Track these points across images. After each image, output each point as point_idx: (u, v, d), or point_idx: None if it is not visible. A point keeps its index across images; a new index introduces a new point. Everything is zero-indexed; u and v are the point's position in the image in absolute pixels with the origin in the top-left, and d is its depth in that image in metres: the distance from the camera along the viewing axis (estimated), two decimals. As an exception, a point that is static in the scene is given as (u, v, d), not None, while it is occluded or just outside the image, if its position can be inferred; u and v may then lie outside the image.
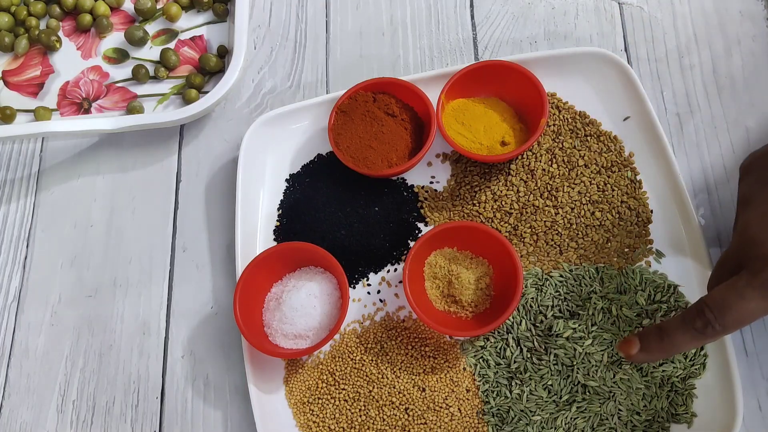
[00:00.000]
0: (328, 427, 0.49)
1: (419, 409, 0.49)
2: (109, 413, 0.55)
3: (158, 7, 0.67)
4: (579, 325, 0.47)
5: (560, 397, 0.47)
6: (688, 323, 0.39)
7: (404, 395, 0.49)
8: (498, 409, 0.48)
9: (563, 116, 0.54)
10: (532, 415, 0.47)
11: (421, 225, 0.55)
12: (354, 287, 0.54)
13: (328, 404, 0.50)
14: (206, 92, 0.59)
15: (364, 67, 0.62)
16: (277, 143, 0.58)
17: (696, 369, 0.46)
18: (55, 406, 0.56)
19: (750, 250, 0.37)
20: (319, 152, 0.58)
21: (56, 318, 0.58)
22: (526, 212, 0.52)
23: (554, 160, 0.52)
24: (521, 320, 0.49)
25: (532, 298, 0.49)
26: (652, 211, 0.51)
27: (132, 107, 0.63)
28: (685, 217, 0.49)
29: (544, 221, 0.51)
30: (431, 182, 0.56)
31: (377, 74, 0.61)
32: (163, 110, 0.63)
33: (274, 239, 0.56)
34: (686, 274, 0.49)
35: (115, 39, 0.67)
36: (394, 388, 0.49)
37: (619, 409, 0.46)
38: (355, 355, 0.51)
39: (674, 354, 0.41)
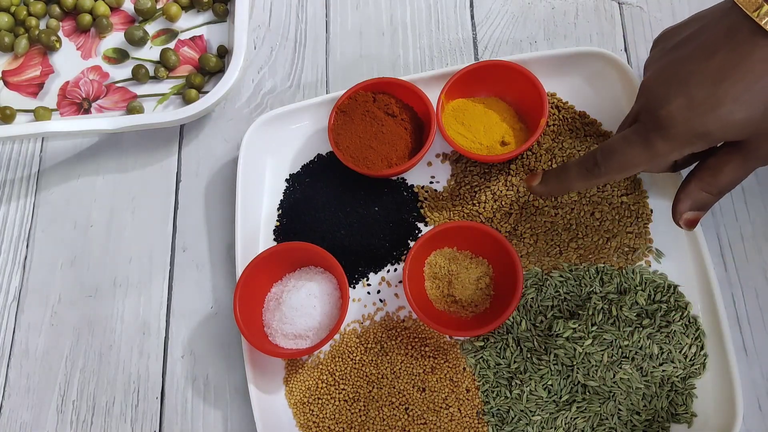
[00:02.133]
0: (328, 427, 0.49)
1: (419, 409, 0.49)
2: (109, 413, 0.55)
3: (158, 7, 0.67)
4: (579, 325, 0.47)
5: (560, 397, 0.47)
6: (582, 163, 0.44)
7: (404, 395, 0.49)
8: (498, 409, 0.48)
9: (563, 116, 0.54)
10: (532, 415, 0.47)
11: (421, 225, 0.55)
12: (354, 287, 0.54)
13: (328, 404, 0.50)
14: (206, 92, 0.59)
15: (364, 67, 0.62)
16: (277, 143, 0.58)
17: (696, 369, 0.46)
18: (55, 406, 0.56)
19: (643, 105, 0.41)
20: (319, 152, 0.58)
21: (56, 318, 0.58)
22: (526, 212, 0.52)
23: (554, 160, 0.52)
24: (521, 320, 0.49)
25: (532, 298, 0.49)
26: (652, 211, 0.51)
27: (132, 107, 0.63)
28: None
29: (544, 221, 0.51)
30: (431, 182, 0.56)
31: (377, 74, 0.61)
32: (163, 110, 0.63)
33: (274, 239, 0.56)
34: (686, 274, 0.49)
35: (115, 39, 0.67)
36: (394, 388, 0.49)
37: (619, 409, 0.46)
38: (355, 355, 0.51)
39: (569, 190, 0.46)
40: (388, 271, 0.54)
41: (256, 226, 0.57)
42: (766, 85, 0.35)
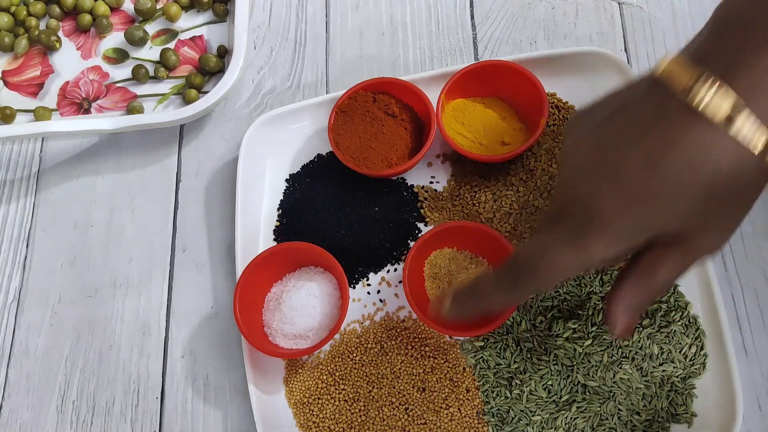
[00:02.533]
0: (328, 427, 0.49)
1: (419, 409, 0.49)
2: (109, 413, 0.55)
3: (158, 7, 0.67)
4: (579, 325, 0.47)
5: (560, 397, 0.47)
6: (499, 278, 0.37)
7: (404, 395, 0.49)
8: (498, 409, 0.48)
9: (563, 116, 0.54)
10: (532, 415, 0.47)
11: (421, 225, 0.55)
12: (354, 287, 0.54)
13: (328, 404, 0.50)
14: (206, 92, 0.59)
15: (364, 67, 0.62)
16: (277, 143, 0.58)
17: (696, 369, 0.46)
18: (55, 406, 0.56)
19: (567, 202, 0.35)
20: (319, 152, 0.58)
21: (56, 318, 0.58)
22: (526, 212, 0.52)
23: (554, 160, 0.52)
24: (521, 320, 0.49)
25: (532, 298, 0.49)
26: (652, 211, 0.51)
27: (132, 107, 0.63)
28: (685, 217, 0.49)
29: (544, 221, 0.51)
30: (431, 182, 0.56)
31: (377, 74, 0.61)
32: (163, 110, 0.63)
33: (274, 239, 0.56)
34: (686, 274, 0.48)
35: (115, 39, 0.67)
36: (394, 388, 0.49)
37: (619, 409, 0.46)
38: (355, 355, 0.51)
39: (490, 310, 0.38)
40: (388, 271, 0.54)
41: (256, 226, 0.57)
42: (705, 172, 0.31)
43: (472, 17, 0.62)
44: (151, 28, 0.67)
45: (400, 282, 0.53)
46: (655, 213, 0.32)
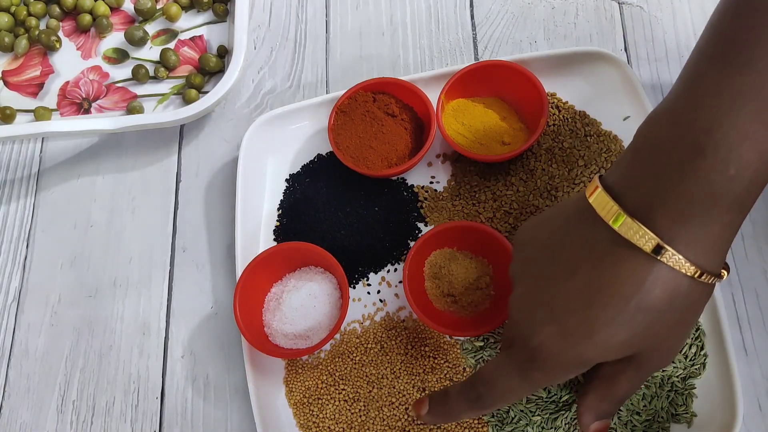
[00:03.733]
0: (328, 427, 0.49)
1: (419, 409, 0.49)
2: (109, 413, 0.55)
3: (158, 7, 0.67)
4: (579, 325, 0.47)
5: (560, 398, 0.47)
6: (464, 394, 0.39)
7: (404, 395, 0.49)
8: (498, 410, 0.48)
9: (563, 116, 0.54)
10: (532, 415, 0.47)
11: (421, 225, 0.55)
12: (354, 287, 0.54)
13: (328, 404, 0.50)
14: (206, 92, 0.59)
15: (364, 67, 0.62)
16: (277, 143, 0.58)
17: (696, 369, 0.46)
18: (55, 406, 0.56)
19: (511, 330, 0.37)
20: (319, 152, 0.58)
21: (56, 318, 0.58)
22: (526, 212, 0.52)
23: (554, 160, 0.52)
24: (521, 320, 0.49)
25: (532, 298, 0.49)
26: (652, 211, 0.51)
27: (132, 107, 0.63)
28: (685, 217, 0.49)
29: (544, 221, 0.51)
30: (431, 182, 0.56)
31: (377, 74, 0.61)
32: (163, 110, 0.63)
33: (274, 239, 0.56)
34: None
35: (115, 39, 0.67)
36: (394, 388, 0.49)
37: (619, 409, 0.46)
38: (355, 355, 0.51)
39: (458, 420, 0.41)
40: (388, 271, 0.54)
41: (256, 226, 0.57)
42: (640, 302, 0.32)
43: (472, 17, 0.62)
44: (151, 28, 0.67)
45: (400, 282, 0.53)
46: (594, 348, 0.33)
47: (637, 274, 0.32)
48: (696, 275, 0.32)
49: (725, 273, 0.34)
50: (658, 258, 0.31)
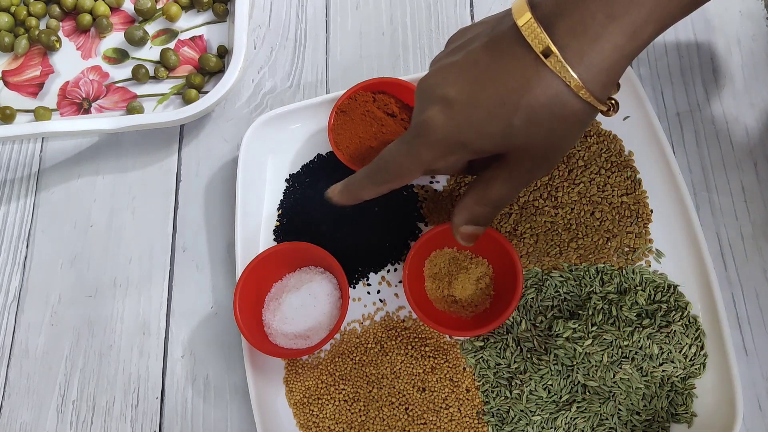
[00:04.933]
0: (328, 427, 0.49)
1: (419, 410, 0.49)
2: (109, 413, 0.55)
3: (158, 7, 0.67)
4: (579, 325, 0.47)
5: (560, 397, 0.47)
6: (365, 170, 0.43)
7: (404, 395, 0.49)
8: (498, 409, 0.48)
9: (563, 116, 0.54)
10: (532, 415, 0.47)
11: (421, 225, 0.55)
12: (354, 287, 0.54)
13: (328, 404, 0.50)
14: (206, 92, 0.59)
15: (364, 67, 0.62)
16: (277, 143, 0.58)
17: (696, 369, 0.46)
18: (55, 406, 0.56)
19: (414, 111, 0.40)
20: (319, 152, 0.58)
21: (56, 318, 0.58)
22: (526, 212, 0.52)
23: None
24: (521, 320, 0.49)
25: (532, 298, 0.49)
26: (652, 211, 0.51)
27: (132, 107, 0.63)
28: (685, 217, 0.49)
29: (544, 221, 0.51)
30: (431, 182, 0.56)
31: (377, 74, 0.61)
32: (163, 110, 0.63)
33: (274, 239, 0.56)
34: (686, 274, 0.49)
35: (115, 39, 0.67)
36: (394, 388, 0.49)
37: (619, 409, 0.46)
38: (355, 355, 0.51)
39: (362, 198, 0.44)
40: (388, 271, 0.54)
41: (256, 226, 0.57)
42: (520, 99, 0.34)
43: (472, 17, 0.62)
44: (151, 28, 0.67)
45: (400, 282, 0.53)
46: (471, 130, 0.36)
47: (525, 72, 0.34)
48: (576, 88, 0.33)
49: (612, 107, 0.36)
50: (545, 61, 0.33)
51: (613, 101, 0.36)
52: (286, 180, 0.58)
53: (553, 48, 0.33)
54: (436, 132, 0.37)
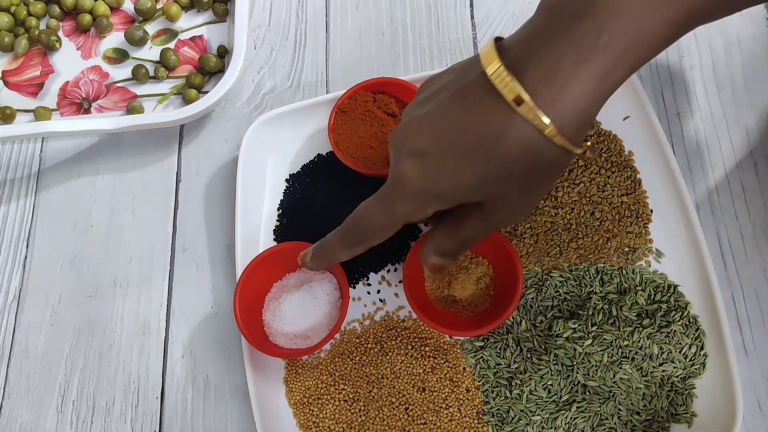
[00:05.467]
0: (328, 427, 0.49)
1: (419, 410, 0.49)
2: (109, 413, 0.55)
3: (158, 7, 0.67)
4: (579, 325, 0.47)
5: (560, 397, 0.47)
6: (338, 233, 0.43)
7: (404, 395, 0.49)
8: (498, 409, 0.48)
9: (563, 116, 0.54)
10: (532, 415, 0.47)
11: (421, 225, 0.55)
12: (354, 287, 0.54)
13: (328, 404, 0.50)
14: (206, 92, 0.59)
15: (364, 67, 0.62)
16: (277, 143, 0.58)
17: (696, 369, 0.46)
18: (55, 406, 0.56)
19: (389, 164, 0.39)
20: (319, 152, 0.58)
21: (56, 318, 0.58)
22: (526, 212, 0.52)
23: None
24: (521, 320, 0.49)
25: (532, 298, 0.49)
26: (652, 211, 0.51)
27: (132, 107, 0.63)
28: (685, 217, 0.49)
29: (544, 221, 0.51)
30: (431, 182, 0.56)
31: (377, 74, 0.61)
32: (163, 110, 0.63)
33: (274, 239, 0.56)
34: (686, 274, 0.49)
35: (115, 39, 0.67)
36: (394, 388, 0.49)
37: (619, 409, 0.46)
38: (355, 355, 0.51)
39: (337, 261, 0.45)
40: (388, 271, 0.54)
41: (256, 226, 0.57)
42: (495, 149, 0.34)
43: (472, 17, 0.62)
44: (151, 28, 0.67)
45: (400, 282, 0.53)
46: (448, 182, 0.36)
47: (498, 122, 0.34)
48: (550, 134, 0.33)
49: (587, 147, 0.35)
50: (517, 109, 0.33)
51: (588, 143, 0.36)
52: (286, 180, 0.58)
53: (525, 96, 0.32)
54: (411, 185, 0.37)
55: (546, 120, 0.32)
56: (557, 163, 0.35)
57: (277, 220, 0.57)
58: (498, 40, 0.35)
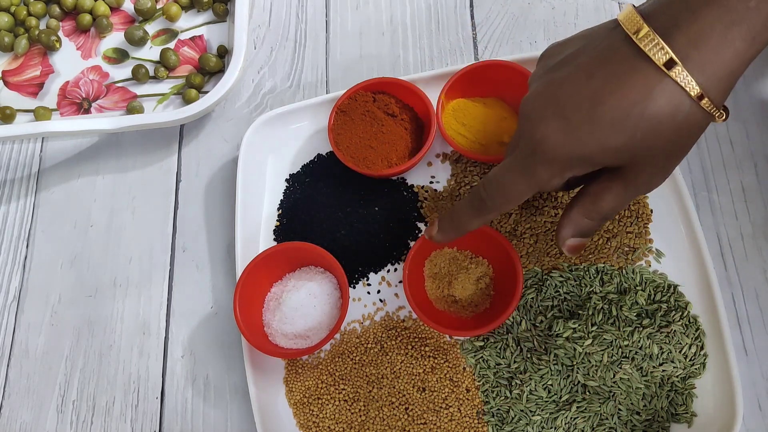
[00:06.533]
0: (328, 427, 0.49)
1: (419, 409, 0.49)
2: (109, 413, 0.55)
3: (158, 7, 0.67)
4: (579, 325, 0.47)
5: (560, 397, 0.47)
6: (469, 201, 0.42)
7: (404, 395, 0.49)
8: (498, 409, 0.48)
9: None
10: (532, 415, 0.47)
11: (421, 225, 0.55)
12: (354, 287, 0.54)
13: (328, 404, 0.50)
14: (206, 92, 0.59)
15: (364, 67, 0.62)
16: (277, 143, 0.58)
17: (696, 369, 0.46)
18: (55, 406, 0.56)
19: (522, 129, 0.39)
20: (319, 152, 0.58)
21: (56, 318, 0.58)
22: (526, 212, 0.52)
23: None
24: (521, 320, 0.49)
25: (532, 298, 0.49)
26: (652, 211, 0.51)
27: (132, 107, 0.63)
28: (685, 217, 0.49)
29: (544, 221, 0.51)
30: (431, 182, 0.56)
31: (377, 74, 0.61)
32: (163, 110, 0.63)
33: (274, 239, 0.56)
34: (686, 274, 0.49)
35: (115, 39, 0.67)
36: (394, 388, 0.49)
37: (619, 409, 0.46)
38: (355, 355, 0.51)
39: (466, 231, 0.44)
40: (388, 271, 0.54)
41: (256, 226, 0.57)
42: (644, 110, 0.34)
43: (472, 17, 0.62)
44: (151, 28, 0.67)
45: (400, 282, 0.53)
46: (594, 145, 0.35)
47: (647, 83, 0.34)
48: (698, 98, 0.34)
49: (724, 115, 0.36)
50: (669, 72, 0.33)
51: (725, 108, 0.36)
52: (286, 180, 0.58)
53: (677, 59, 0.33)
54: (555, 150, 0.36)
55: (695, 84, 0.33)
56: (701, 125, 0.35)
57: (277, 220, 0.57)
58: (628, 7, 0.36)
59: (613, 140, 0.35)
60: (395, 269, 0.54)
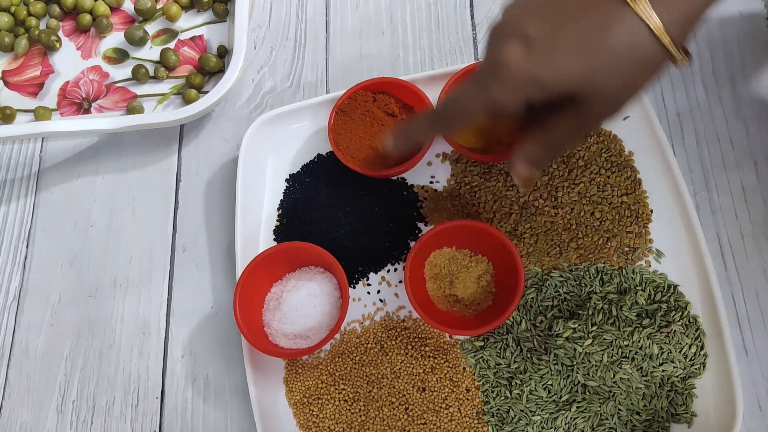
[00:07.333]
0: (328, 427, 0.49)
1: (419, 409, 0.49)
2: (109, 413, 0.55)
3: (158, 7, 0.67)
4: (579, 325, 0.47)
5: (560, 397, 0.47)
6: (426, 113, 0.44)
7: (404, 395, 0.49)
8: (498, 409, 0.48)
9: (563, 116, 0.54)
10: (532, 415, 0.47)
11: (421, 225, 0.55)
12: (354, 287, 0.54)
13: (328, 404, 0.50)
14: (206, 92, 0.59)
15: (364, 67, 0.62)
16: (277, 143, 0.58)
17: (696, 369, 0.46)
18: (55, 406, 0.56)
19: (485, 51, 0.39)
20: (319, 152, 0.58)
21: (56, 318, 0.58)
22: (526, 212, 0.52)
23: (554, 160, 0.52)
24: (521, 320, 0.49)
25: (532, 298, 0.49)
26: (652, 211, 0.51)
27: (132, 107, 0.63)
28: (685, 217, 0.49)
29: (544, 221, 0.51)
30: (431, 182, 0.56)
31: (377, 74, 0.61)
32: (163, 110, 0.63)
33: (274, 239, 0.56)
34: (686, 274, 0.49)
35: (115, 39, 0.67)
36: (394, 388, 0.49)
37: (619, 409, 0.46)
38: (355, 355, 0.51)
39: (419, 140, 0.46)
40: (388, 271, 0.54)
41: (256, 226, 0.57)
42: (604, 39, 0.35)
43: (472, 17, 0.62)
44: (151, 28, 0.67)
45: (400, 282, 0.53)
46: (551, 67, 0.36)
47: (610, 13, 0.34)
48: (658, 31, 0.34)
49: (686, 60, 0.36)
50: (632, 4, 0.34)
51: (685, 51, 0.36)
52: (286, 180, 0.58)
53: None
54: (514, 69, 0.36)
55: (656, 18, 0.34)
56: (658, 62, 0.36)
57: (277, 220, 0.57)
58: None
59: (571, 66, 0.35)
60: (395, 269, 0.54)
